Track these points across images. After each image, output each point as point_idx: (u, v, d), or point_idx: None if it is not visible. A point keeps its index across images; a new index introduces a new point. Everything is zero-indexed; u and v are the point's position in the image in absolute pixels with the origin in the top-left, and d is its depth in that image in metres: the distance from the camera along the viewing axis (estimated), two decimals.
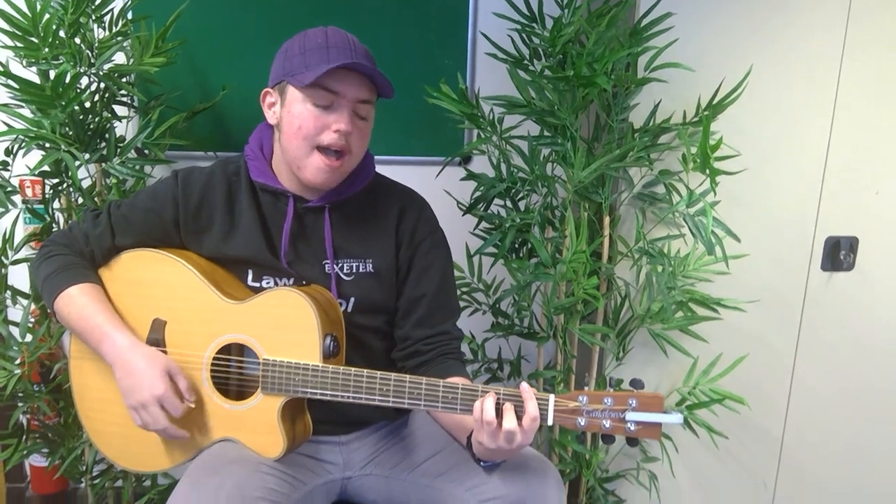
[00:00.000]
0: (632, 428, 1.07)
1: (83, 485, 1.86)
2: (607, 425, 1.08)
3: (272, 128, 1.31)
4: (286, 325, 1.21)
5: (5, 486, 2.21)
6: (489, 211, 1.80)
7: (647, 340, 1.82)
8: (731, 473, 2.00)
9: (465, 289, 1.90)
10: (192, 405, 1.21)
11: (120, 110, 1.77)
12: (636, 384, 1.09)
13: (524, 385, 1.11)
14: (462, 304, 1.88)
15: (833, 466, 1.98)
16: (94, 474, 1.79)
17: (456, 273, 1.83)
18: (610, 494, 1.94)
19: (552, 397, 1.10)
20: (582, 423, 1.09)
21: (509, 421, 1.07)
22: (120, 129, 1.79)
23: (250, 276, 1.30)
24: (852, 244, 1.85)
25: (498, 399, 1.10)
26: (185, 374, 1.21)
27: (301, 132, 1.21)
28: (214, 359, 1.25)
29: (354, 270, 1.33)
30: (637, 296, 1.81)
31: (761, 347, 1.89)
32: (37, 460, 2.11)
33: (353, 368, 1.18)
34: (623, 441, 1.90)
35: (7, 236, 1.65)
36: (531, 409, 1.08)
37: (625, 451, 1.96)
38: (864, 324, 1.89)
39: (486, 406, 1.09)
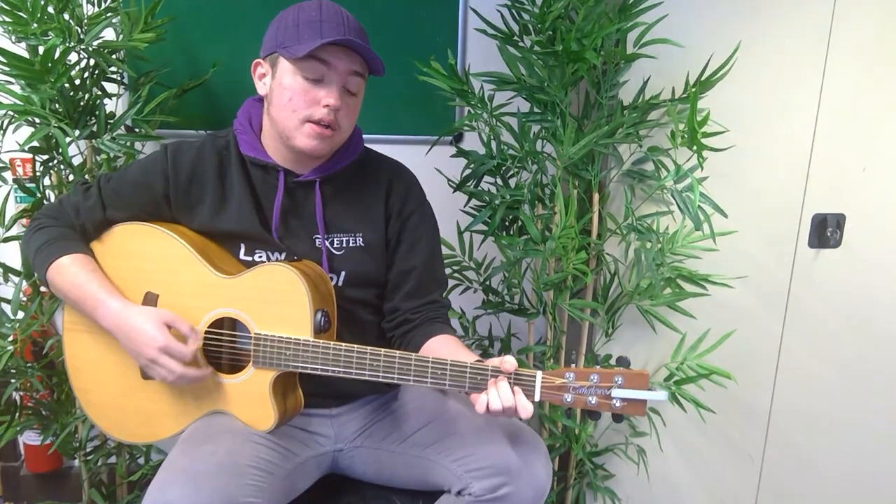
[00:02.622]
0: (617, 404, 1.09)
1: (77, 462, 1.87)
2: (593, 402, 1.09)
3: (261, 102, 1.32)
4: (278, 300, 1.22)
5: (0, 464, 2.22)
6: (479, 188, 1.81)
7: (636, 317, 1.84)
8: (718, 448, 2.02)
9: (455, 266, 1.91)
10: (200, 343, 1.23)
11: (110, 88, 1.77)
12: (622, 362, 1.11)
13: (509, 358, 1.12)
14: (453, 282, 1.89)
15: (820, 441, 2.00)
16: (88, 451, 1.81)
17: (447, 251, 1.85)
18: (599, 469, 1.97)
19: (539, 374, 1.11)
20: (568, 400, 1.10)
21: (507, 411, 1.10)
22: (110, 106, 1.78)
23: (242, 250, 1.31)
24: (839, 221, 1.86)
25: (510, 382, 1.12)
26: (182, 319, 1.22)
27: (291, 104, 1.22)
28: (207, 332, 1.26)
29: (345, 245, 1.34)
30: (626, 273, 1.83)
31: (749, 324, 1.91)
32: (31, 439, 2.12)
33: (343, 344, 1.19)
34: (611, 416, 1.95)
35: None
36: (527, 410, 1.10)
37: (613, 426, 1.98)
38: (850, 300, 1.91)
39: (491, 409, 1.10)
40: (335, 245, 1.33)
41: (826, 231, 1.85)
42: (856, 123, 1.80)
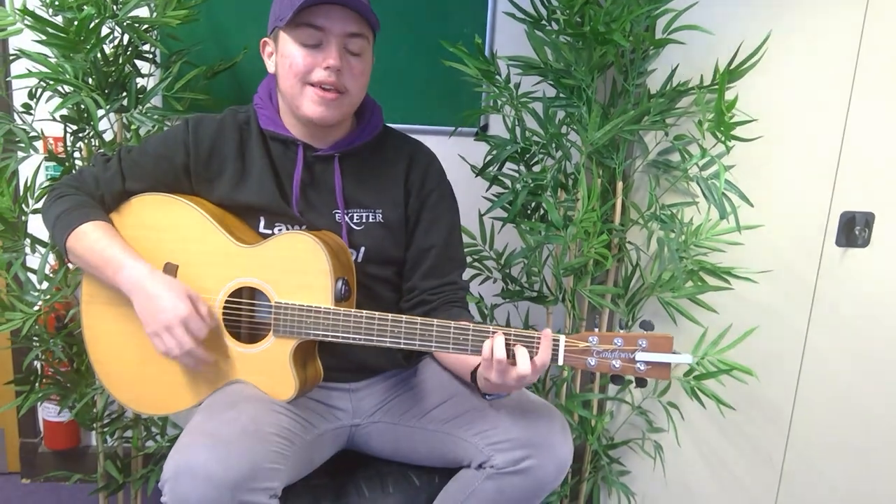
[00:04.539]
0: (641, 368, 1.08)
1: (94, 437, 1.88)
2: (617, 365, 1.09)
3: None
4: (298, 268, 1.22)
5: (19, 440, 2.24)
6: (502, 172, 1.80)
7: (657, 310, 1.81)
8: (737, 448, 1.99)
9: (475, 255, 1.91)
10: (214, 327, 1.23)
11: (143, 67, 1.79)
12: (646, 325, 1.10)
13: (546, 331, 1.12)
14: (473, 271, 1.89)
15: (843, 445, 1.96)
16: (105, 422, 1.82)
17: (467, 239, 1.84)
18: (614, 462, 1.94)
19: (563, 338, 1.11)
20: (592, 364, 1.10)
21: (523, 364, 1.09)
22: (141, 84, 1.80)
23: (262, 224, 1.32)
24: (868, 220, 1.83)
25: (508, 340, 1.11)
26: (203, 301, 1.22)
27: (292, 70, 1.23)
28: (226, 302, 1.26)
29: (364, 220, 1.35)
30: (648, 264, 1.81)
31: (772, 321, 1.88)
32: (50, 415, 2.15)
33: (364, 311, 1.20)
34: (629, 410, 1.93)
35: (28, 185, 1.68)
36: (543, 355, 1.09)
37: (630, 420, 1.96)
38: (878, 302, 1.86)
39: (496, 345, 1.10)
40: (355, 220, 1.34)
41: (854, 230, 1.82)
42: (888, 120, 1.77)
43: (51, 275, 1.70)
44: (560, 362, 1.11)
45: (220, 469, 1.05)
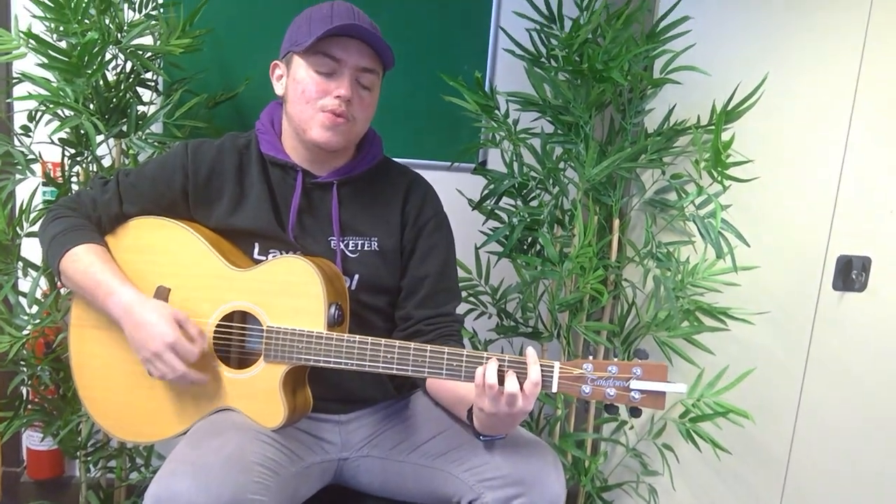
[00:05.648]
0: (636, 397, 1.06)
1: (77, 466, 1.84)
2: (612, 394, 1.07)
3: (282, 105, 1.34)
4: (291, 292, 1.21)
5: (1, 469, 2.19)
6: (499, 206, 1.80)
7: (653, 349, 1.80)
8: (733, 493, 1.95)
9: (470, 290, 1.89)
10: (206, 348, 1.21)
11: (144, 95, 1.80)
12: (640, 354, 1.09)
13: (530, 349, 1.11)
14: (467, 305, 1.87)
15: (841, 492, 1.93)
16: (89, 451, 1.78)
17: (463, 274, 1.84)
18: None
19: (557, 364, 1.10)
20: (587, 391, 1.08)
21: (511, 384, 1.07)
22: (142, 111, 1.82)
23: (257, 249, 1.31)
24: (865, 264, 1.83)
25: (501, 365, 1.10)
26: (192, 322, 1.21)
27: (304, 96, 1.24)
28: (218, 326, 1.25)
29: (360, 248, 1.34)
30: (644, 304, 1.80)
31: (769, 365, 1.86)
32: (34, 443, 2.10)
33: (357, 336, 1.18)
34: (623, 452, 1.90)
35: (24, 207, 1.67)
36: (534, 373, 1.08)
37: (625, 462, 1.92)
38: (876, 346, 1.85)
39: (488, 370, 1.09)
40: (350, 248, 1.33)
41: (851, 274, 1.82)
42: (884, 164, 1.78)
43: (41, 299, 1.68)
44: (554, 389, 1.09)
45: (202, 498, 1.02)
